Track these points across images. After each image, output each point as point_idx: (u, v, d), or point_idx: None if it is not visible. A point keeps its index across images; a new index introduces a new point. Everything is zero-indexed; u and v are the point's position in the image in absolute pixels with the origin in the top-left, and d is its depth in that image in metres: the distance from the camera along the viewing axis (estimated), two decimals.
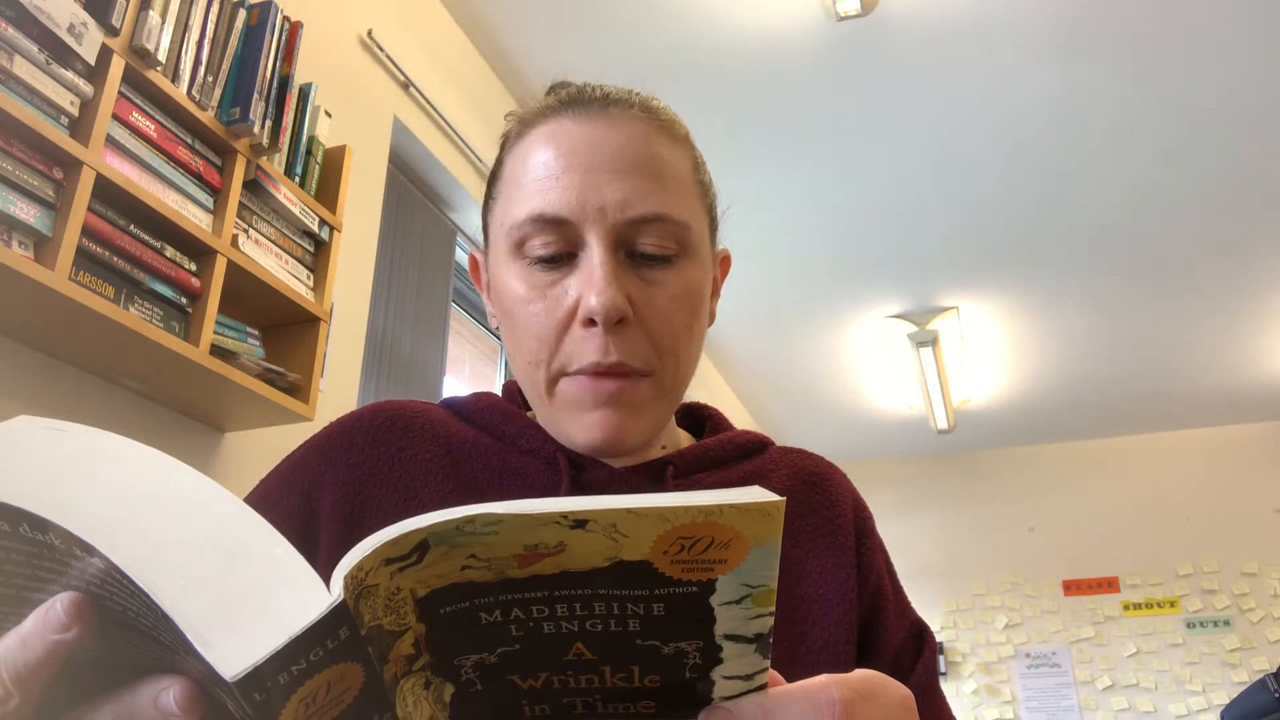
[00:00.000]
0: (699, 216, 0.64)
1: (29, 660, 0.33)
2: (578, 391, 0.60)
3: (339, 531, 0.61)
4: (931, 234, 3.61)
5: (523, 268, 0.61)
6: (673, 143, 0.63)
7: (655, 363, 0.60)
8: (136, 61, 1.33)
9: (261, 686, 0.28)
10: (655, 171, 0.60)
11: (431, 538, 0.29)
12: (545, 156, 0.61)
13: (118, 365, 1.39)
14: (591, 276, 0.57)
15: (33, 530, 0.32)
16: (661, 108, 0.64)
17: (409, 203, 2.40)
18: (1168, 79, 2.79)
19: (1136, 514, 5.46)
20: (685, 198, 0.62)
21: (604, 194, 0.58)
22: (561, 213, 0.58)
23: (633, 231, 0.59)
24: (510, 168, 0.64)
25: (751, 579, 0.31)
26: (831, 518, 0.68)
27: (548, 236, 0.59)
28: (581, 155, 0.60)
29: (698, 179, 0.65)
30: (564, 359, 0.60)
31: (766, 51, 2.70)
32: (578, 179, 0.59)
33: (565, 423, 0.61)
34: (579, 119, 0.61)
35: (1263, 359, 4.64)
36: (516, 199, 0.61)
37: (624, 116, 0.62)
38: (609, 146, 0.60)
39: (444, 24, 2.59)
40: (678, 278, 0.61)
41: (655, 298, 0.60)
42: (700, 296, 0.63)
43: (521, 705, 0.36)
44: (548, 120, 0.63)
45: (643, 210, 0.59)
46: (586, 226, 0.58)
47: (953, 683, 5.45)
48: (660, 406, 0.62)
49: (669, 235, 0.60)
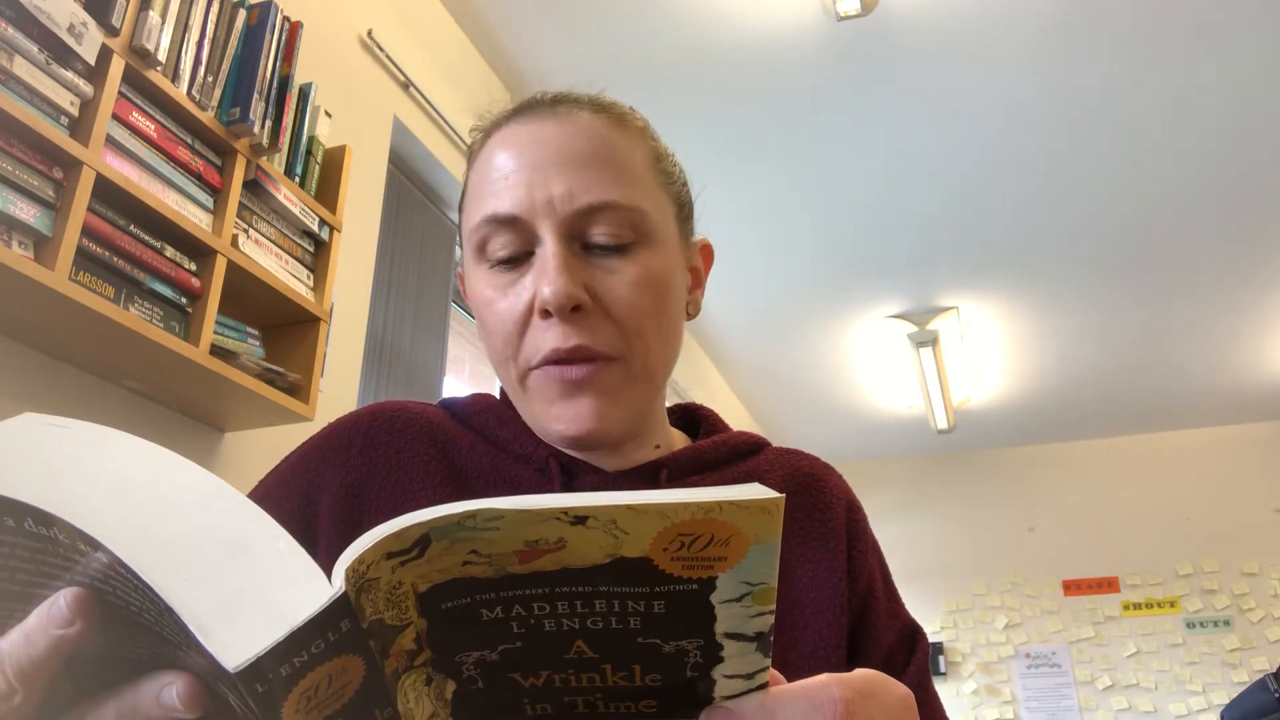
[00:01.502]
0: (659, 203, 0.64)
1: (32, 656, 0.33)
2: (545, 383, 0.60)
3: (337, 532, 0.61)
4: (931, 234, 3.61)
5: (485, 271, 0.62)
6: (624, 134, 0.64)
7: (622, 346, 0.60)
8: (136, 61, 1.33)
9: (263, 678, 0.28)
10: (603, 161, 0.61)
11: (433, 532, 0.30)
12: (498, 160, 0.62)
13: (118, 365, 1.39)
14: (545, 268, 0.58)
15: (37, 525, 0.32)
16: (612, 103, 0.65)
17: (409, 203, 2.40)
18: (1168, 78, 2.79)
19: (1136, 514, 5.46)
20: (639, 185, 0.62)
21: (551, 188, 0.59)
22: (512, 210, 0.59)
23: (584, 222, 0.59)
24: (472, 178, 0.65)
25: (752, 577, 0.31)
26: (824, 520, 0.68)
27: (504, 237, 0.60)
28: (529, 154, 0.61)
29: (657, 168, 0.65)
30: (528, 353, 0.60)
31: (766, 51, 2.71)
32: (525, 176, 0.60)
33: (542, 417, 0.61)
34: (527, 121, 0.63)
35: (1263, 359, 4.64)
36: (475, 205, 0.63)
37: (570, 113, 0.63)
38: (555, 142, 0.61)
39: (444, 24, 2.59)
40: (635, 264, 0.60)
41: (615, 285, 0.60)
42: (665, 283, 0.62)
43: (523, 703, 0.36)
44: (500, 127, 0.65)
45: (589, 199, 0.59)
46: (537, 222, 0.59)
47: (953, 683, 5.45)
48: (635, 392, 0.62)
49: (622, 223, 0.60)
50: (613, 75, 2.77)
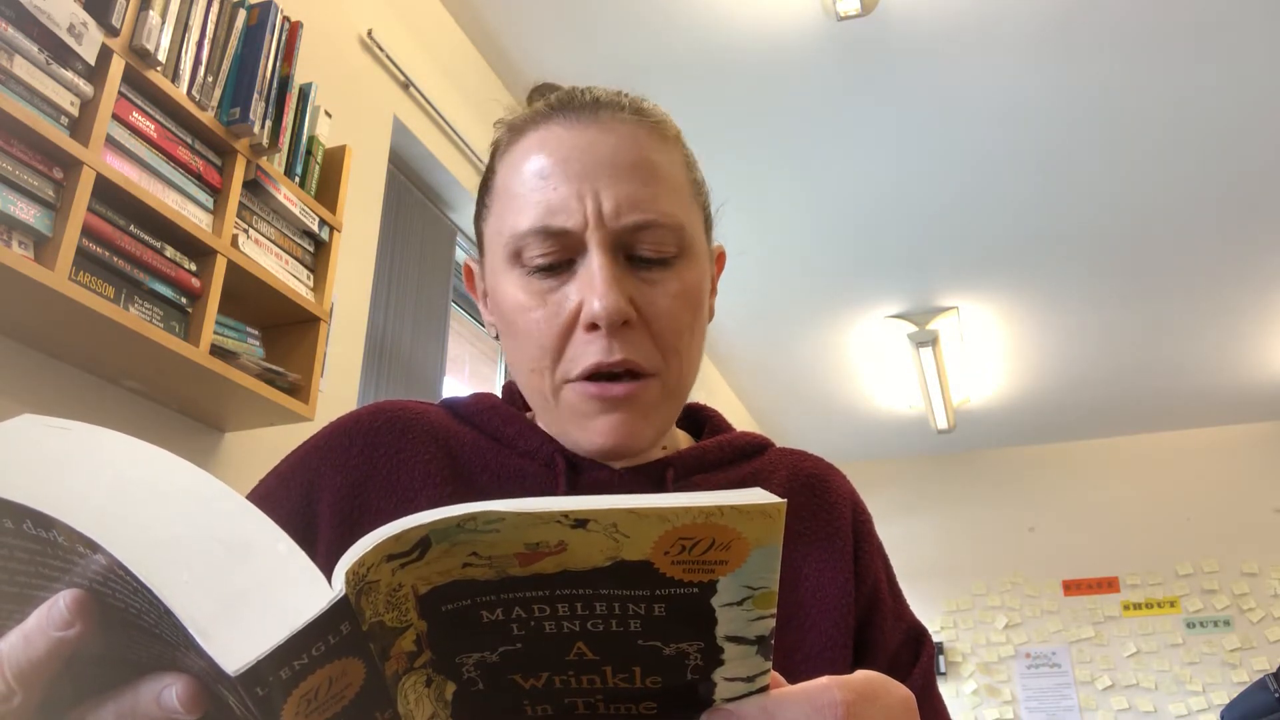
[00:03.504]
0: (694, 216, 0.64)
1: (32, 657, 0.33)
2: (583, 399, 0.60)
3: (337, 533, 0.61)
4: (931, 234, 3.61)
5: (521, 276, 0.61)
6: (664, 144, 0.63)
7: (660, 364, 0.60)
8: (136, 61, 1.33)
9: (263, 681, 0.28)
10: (650, 175, 0.60)
11: (433, 534, 0.30)
12: (539, 165, 0.60)
13: (118, 365, 1.39)
14: (592, 282, 0.57)
15: (36, 527, 0.32)
16: (651, 109, 0.64)
17: (409, 203, 2.40)
18: (1168, 78, 2.79)
19: (1136, 514, 5.46)
20: (680, 199, 0.62)
21: (601, 200, 0.58)
22: (563, 224, 0.58)
23: (631, 236, 0.59)
24: (503, 177, 0.63)
25: (753, 581, 0.31)
26: (829, 521, 0.68)
27: (547, 246, 0.59)
28: (575, 163, 0.59)
29: (690, 178, 0.65)
30: (567, 365, 0.60)
31: (766, 51, 2.71)
32: (574, 187, 0.59)
33: (572, 429, 0.61)
34: (570, 125, 0.61)
35: (1263, 359, 4.64)
36: (513, 208, 0.61)
37: (615, 120, 0.61)
38: (602, 152, 0.60)
39: (444, 24, 2.59)
40: (677, 278, 0.61)
41: (657, 299, 0.60)
42: (700, 295, 0.63)
43: (523, 705, 0.36)
44: (538, 127, 0.62)
45: (640, 216, 0.59)
46: (585, 234, 0.58)
47: (953, 683, 5.45)
48: (667, 407, 0.62)
49: (667, 238, 0.60)
50: (613, 75, 2.76)
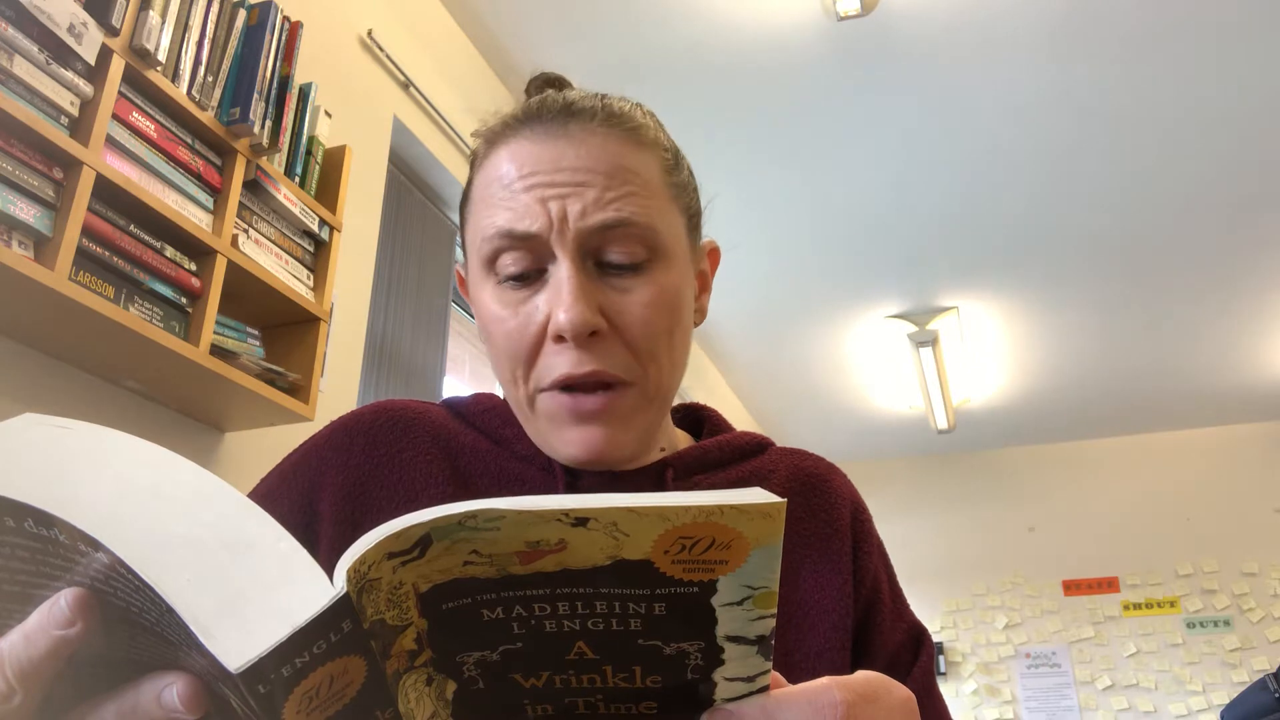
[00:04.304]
0: (670, 218, 0.63)
1: (33, 656, 0.33)
2: (556, 408, 0.59)
3: (338, 532, 0.61)
4: (931, 234, 3.61)
5: (494, 286, 0.61)
6: (638, 149, 0.62)
7: (637, 371, 0.60)
8: (136, 61, 1.33)
9: (265, 679, 0.28)
10: (617, 179, 0.59)
11: (434, 532, 0.30)
12: (507, 172, 0.60)
13: (118, 365, 1.39)
14: (559, 292, 0.57)
15: (38, 526, 0.32)
16: (626, 113, 0.63)
17: (409, 203, 2.40)
18: (1168, 77, 2.79)
19: (1136, 514, 5.46)
20: (653, 201, 0.61)
21: (566, 206, 0.58)
22: (527, 228, 0.58)
23: (599, 241, 0.58)
24: (477, 187, 0.64)
25: (753, 580, 0.31)
26: (829, 521, 0.68)
27: (516, 253, 0.59)
28: (543, 174, 0.59)
29: (669, 181, 0.64)
30: (539, 375, 0.60)
31: (766, 51, 2.71)
32: (539, 194, 0.58)
33: (550, 438, 0.61)
34: (538, 138, 0.61)
35: (1263, 359, 4.64)
36: (484, 216, 0.61)
37: (584, 132, 0.61)
38: (569, 159, 0.59)
39: (444, 24, 2.59)
40: (650, 283, 0.60)
41: (629, 306, 0.59)
42: (678, 299, 0.62)
43: (523, 704, 0.36)
44: (508, 140, 0.62)
45: (604, 218, 0.58)
46: (552, 240, 0.58)
47: (953, 683, 5.45)
48: (648, 414, 0.62)
49: (636, 241, 0.59)
50: (612, 75, 2.77)
